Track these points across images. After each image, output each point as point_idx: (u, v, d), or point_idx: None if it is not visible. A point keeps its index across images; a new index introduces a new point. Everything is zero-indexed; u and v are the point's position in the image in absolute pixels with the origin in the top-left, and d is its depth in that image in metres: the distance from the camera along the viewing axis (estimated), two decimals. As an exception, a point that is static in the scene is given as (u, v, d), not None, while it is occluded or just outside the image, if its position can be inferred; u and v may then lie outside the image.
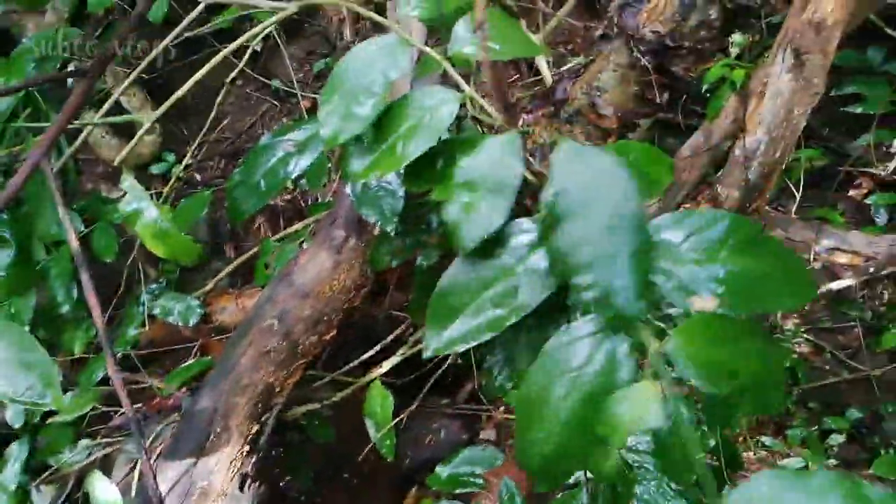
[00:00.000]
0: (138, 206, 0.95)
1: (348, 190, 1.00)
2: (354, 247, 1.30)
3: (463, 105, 0.89)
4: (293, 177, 1.00)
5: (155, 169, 2.03)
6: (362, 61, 0.87)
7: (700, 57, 0.99)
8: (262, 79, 2.15)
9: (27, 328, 1.27)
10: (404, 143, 0.85)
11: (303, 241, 1.55)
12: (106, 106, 1.18)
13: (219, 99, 1.62)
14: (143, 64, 1.05)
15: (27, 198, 0.89)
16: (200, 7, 0.97)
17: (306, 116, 2.02)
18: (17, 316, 1.24)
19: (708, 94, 1.38)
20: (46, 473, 1.31)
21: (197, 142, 1.99)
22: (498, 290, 0.69)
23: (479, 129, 1.08)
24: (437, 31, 1.01)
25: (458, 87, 0.87)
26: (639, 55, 1.00)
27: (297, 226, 1.55)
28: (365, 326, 1.47)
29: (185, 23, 0.98)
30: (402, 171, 0.91)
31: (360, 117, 0.84)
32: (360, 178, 0.86)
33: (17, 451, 1.23)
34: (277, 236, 1.58)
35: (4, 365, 0.82)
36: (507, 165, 0.71)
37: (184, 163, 1.96)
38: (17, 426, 1.25)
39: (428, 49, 0.87)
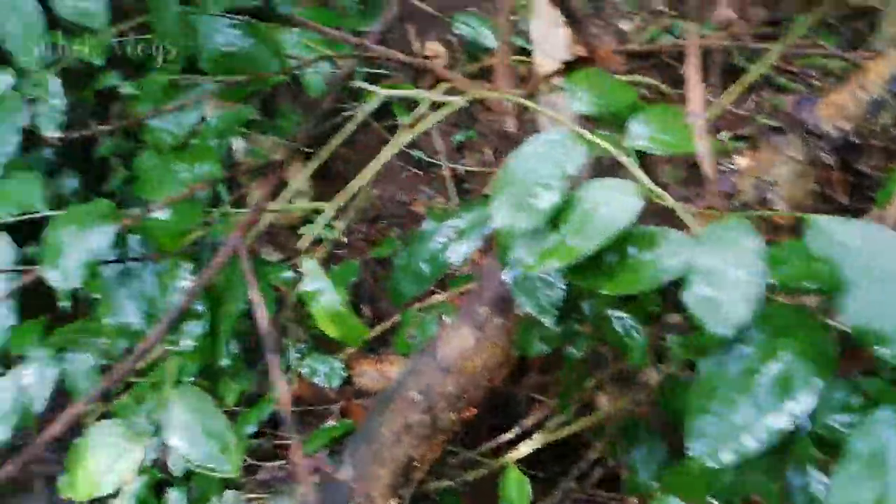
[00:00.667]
0: (317, 287, 1.02)
1: (505, 276, 1.01)
2: (498, 326, 1.30)
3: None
4: (454, 263, 1.03)
5: (304, 230, 2.17)
6: (536, 155, 0.89)
7: (892, 155, 0.92)
8: (404, 148, 2.26)
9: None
10: (577, 236, 0.85)
11: (442, 314, 1.59)
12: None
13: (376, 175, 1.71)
14: (316, 165, 1.14)
15: (222, 275, 0.98)
16: (379, 99, 1.04)
17: (449, 186, 2.07)
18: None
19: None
20: (197, 523, 1.38)
21: (344, 205, 2.10)
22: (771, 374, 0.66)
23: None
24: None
25: (635, 180, 0.87)
26: (819, 151, 0.95)
27: (439, 297, 1.58)
28: (503, 406, 1.46)
29: (359, 117, 1.05)
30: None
31: (535, 210, 0.85)
32: (531, 270, 0.87)
33: (177, 499, 1.31)
34: (418, 306, 1.62)
35: (190, 430, 0.90)
36: (747, 260, 0.70)
37: (332, 225, 2.08)
38: (177, 474, 1.33)
39: (609, 145, 0.87)
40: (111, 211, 0.85)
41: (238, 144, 1.88)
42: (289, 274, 1.54)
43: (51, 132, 1.08)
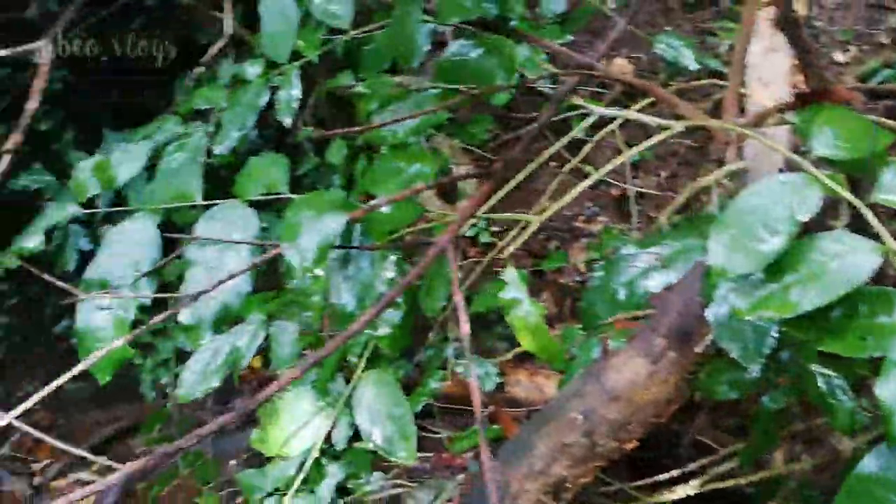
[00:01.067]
0: (516, 296, 1.04)
1: (708, 314, 0.96)
2: (673, 360, 1.25)
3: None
4: (653, 291, 1.00)
5: (467, 231, 2.22)
6: (764, 197, 0.85)
7: None
8: (580, 164, 2.23)
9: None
10: (801, 289, 0.79)
11: (606, 336, 1.55)
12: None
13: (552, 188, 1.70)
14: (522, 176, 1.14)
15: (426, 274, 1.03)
16: (593, 118, 1.04)
17: (633, 209, 2.02)
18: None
19: None
20: (348, 498, 1.45)
21: (507, 215, 2.12)
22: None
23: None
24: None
25: (877, 237, 0.80)
26: None
27: (604, 319, 1.54)
28: (667, 443, 1.41)
29: (574, 132, 1.06)
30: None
31: (757, 253, 0.81)
32: (743, 316, 0.83)
33: (335, 471, 1.39)
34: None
35: (376, 413, 0.95)
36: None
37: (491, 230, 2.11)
38: (339, 448, 1.40)
39: (846, 193, 0.81)
40: (344, 201, 0.93)
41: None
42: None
43: (285, 118, 1.19)
